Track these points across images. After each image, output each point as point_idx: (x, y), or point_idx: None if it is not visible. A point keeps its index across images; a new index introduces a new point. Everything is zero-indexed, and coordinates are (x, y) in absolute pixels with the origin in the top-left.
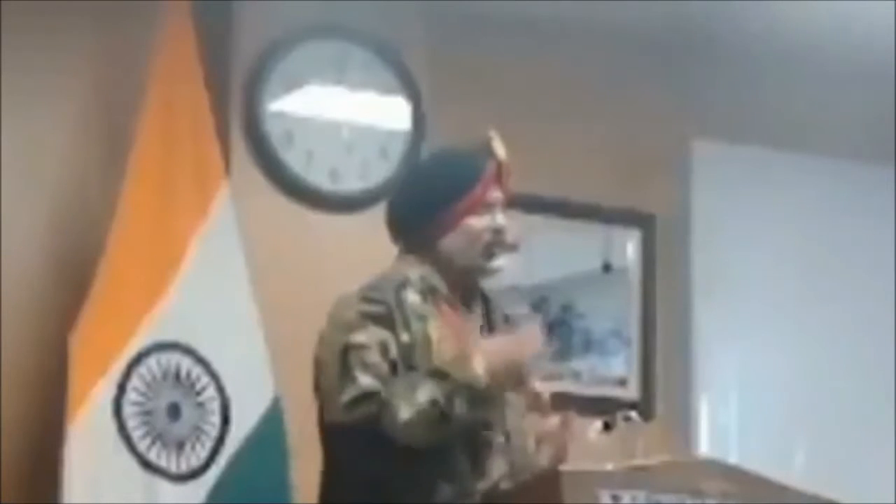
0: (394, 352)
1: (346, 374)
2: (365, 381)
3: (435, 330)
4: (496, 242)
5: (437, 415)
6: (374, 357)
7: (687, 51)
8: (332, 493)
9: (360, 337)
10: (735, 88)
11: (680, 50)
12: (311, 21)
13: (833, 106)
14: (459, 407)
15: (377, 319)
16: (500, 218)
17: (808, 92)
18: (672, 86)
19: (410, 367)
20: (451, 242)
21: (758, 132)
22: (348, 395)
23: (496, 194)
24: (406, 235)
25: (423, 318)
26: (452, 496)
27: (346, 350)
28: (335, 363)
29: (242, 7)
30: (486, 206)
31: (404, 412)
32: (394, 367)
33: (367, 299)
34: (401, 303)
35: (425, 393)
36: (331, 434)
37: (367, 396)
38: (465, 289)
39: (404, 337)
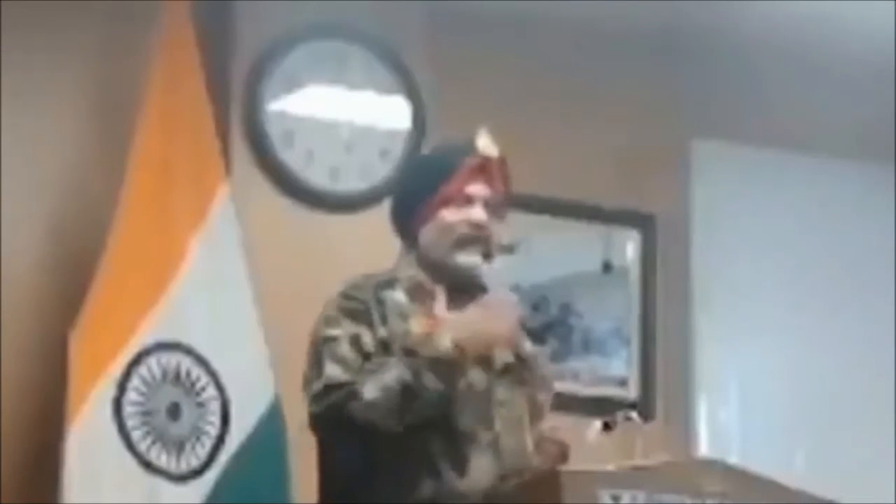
0: (368, 345)
1: (317, 366)
2: (333, 371)
3: (417, 325)
4: (471, 237)
5: (404, 391)
6: (343, 349)
7: (687, 51)
8: (324, 489)
9: (333, 331)
10: (735, 88)
11: (680, 50)
12: (311, 21)
13: (833, 106)
14: (427, 381)
15: (353, 315)
16: (478, 212)
17: (808, 92)
18: (672, 86)
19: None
20: (425, 236)
21: (758, 132)
22: (317, 385)
23: (477, 189)
24: (397, 230)
25: (404, 317)
26: (433, 494)
27: (320, 343)
28: (311, 360)
29: (242, 7)
30: (465, 200)
31: (370, 392)
32: (367, 358)
33: (345, 296)
34: (380, 301)
35: (392, 373)
36: (310, 426)
37: (334, 387)
38: (456, 286)
39: (381, 332)
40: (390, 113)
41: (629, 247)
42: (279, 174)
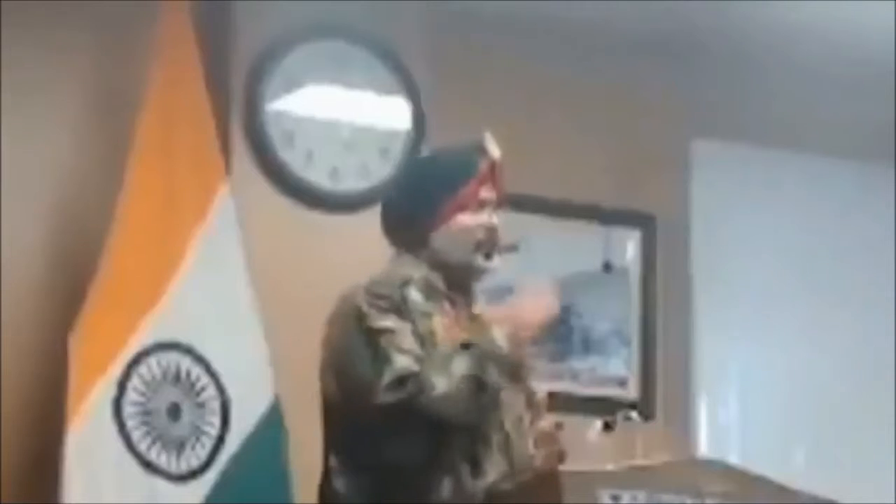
0: (420, 338)
1: (380, 357)
2: (404, 362)
3: (440, 326)
4: (487, 241)
5: (474, 386)
6: (407, 341)
7: (687, 51)
8: (330, 487)
9: (384, 322)
10: (735, 88)
11: (680, 50)
12: (311, 21)
13: (833, 106)
14: (492, 375)
15: (397, 311)
16: (493, 217)
17: (809, 92)
18: (672, 86)
19: None
20: (441, 239)
21: (758, 132)
22: (388, 377)
23: (489, 194)
24: (400, 233)
25: (427, 315)
26: (452, 495)
27: (375, 334)
28: (364, 348)
29: (242, 7)
30: (479, 205)
31: (441, 385)
32: (423, 347)
33: (373, 294)
34: (405, 299)
35: (460, 366)
36: (376, 416)
37: (407, 378)
38: (461, 286)
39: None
40: (390, 113)
41: (629, 247)
42: (279, 174)
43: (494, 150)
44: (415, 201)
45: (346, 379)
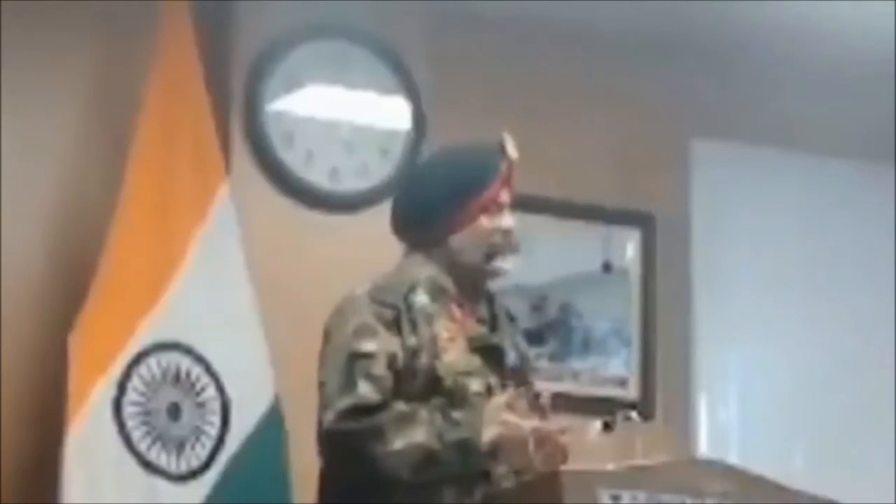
0: (400, 361)
1: (348, 381)
2: (365, 389)
3: (443, 329)
4: (503, 244)
5: (425, 459)
6: (380, 369)
7: (687, 51)
8: (330, 493)
9: (369, 345)
10: (735, 88)
11: (680, 50)
12: (311, 21)
13: (833, 106)
14: (451, 460)
15: (387, 324)
16: (509, 220)
17: (808, 92)
18: (672, 86)
19: (415, 371)
20: (459, 240)
21: (758, 132)
22: (346, 402)
23: (505, 195)
24: (415, 232)
25: (430, 319)
26: (457, 497)
27: (353, 357)
28: (340, 368)
29: (242, 7)
30: (497, 207)
31: (396, 443)
32: (398, 376)
33: (377, 302)
34: (410, 306)
35: (422, 433)
36: (322, 436)
37: (364, 409)
38: (472, 288)
39: (411, 340)
40: (390, 113)
41: (629, 247)
42: (279, 174)
43: (513, 152)
44: (435, 201)
45: (321, 391)
